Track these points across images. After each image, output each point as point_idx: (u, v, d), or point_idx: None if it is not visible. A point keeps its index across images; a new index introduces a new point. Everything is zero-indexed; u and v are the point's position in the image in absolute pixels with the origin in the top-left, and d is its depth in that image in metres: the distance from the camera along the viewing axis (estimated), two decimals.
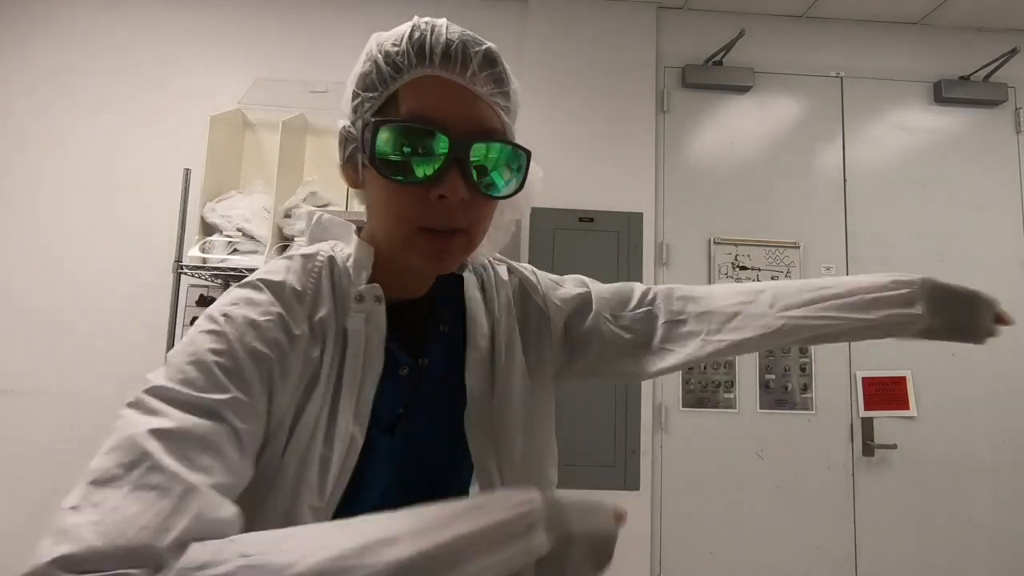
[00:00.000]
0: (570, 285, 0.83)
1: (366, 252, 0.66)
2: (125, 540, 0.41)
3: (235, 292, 0.61)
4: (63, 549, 0.41)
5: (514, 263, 0.82)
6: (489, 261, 0.79)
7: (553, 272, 0.86)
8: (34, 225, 2.35)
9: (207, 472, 0.47)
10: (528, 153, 0.63)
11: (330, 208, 2.18)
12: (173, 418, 0.49)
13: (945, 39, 2.65)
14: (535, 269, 0.83)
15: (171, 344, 1.98)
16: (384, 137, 0.58)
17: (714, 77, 2.56)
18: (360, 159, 0.62)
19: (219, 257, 2.03)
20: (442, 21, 0.62)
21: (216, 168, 2.16)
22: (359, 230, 0.70)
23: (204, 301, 2.19)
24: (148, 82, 2.45)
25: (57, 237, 2.34)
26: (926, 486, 2.38)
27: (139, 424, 0.47)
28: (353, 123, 0.63)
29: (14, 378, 2.26)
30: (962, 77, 2.60)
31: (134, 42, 2.47)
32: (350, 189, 0.71)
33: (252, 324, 0.57)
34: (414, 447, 0.68)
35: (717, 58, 2.54)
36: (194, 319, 2.13)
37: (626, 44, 2.53)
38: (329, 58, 2.51)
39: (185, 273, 2.04)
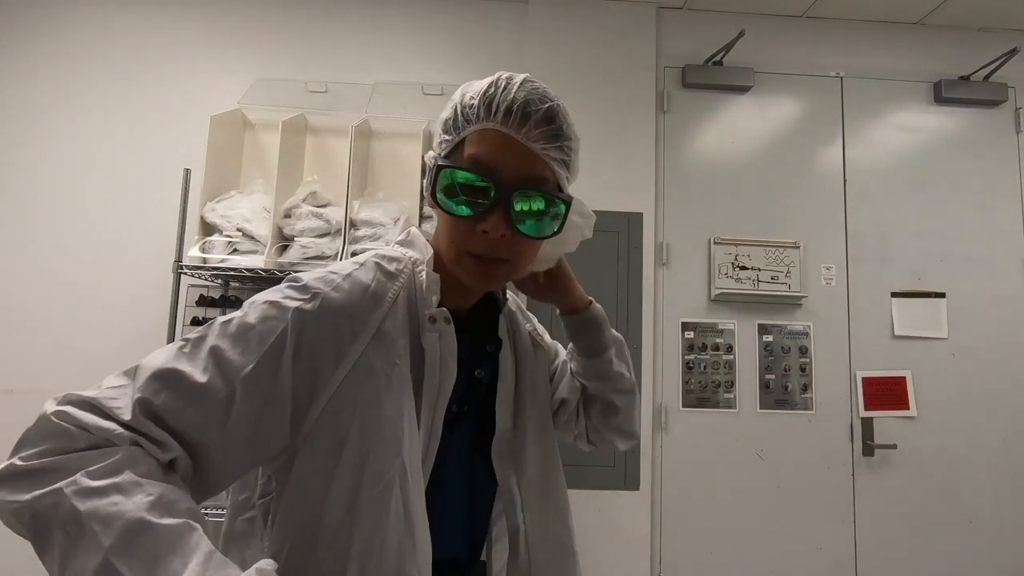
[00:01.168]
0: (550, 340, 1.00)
1: (435, 279, 0.74)
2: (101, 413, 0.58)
3: (318, 273, 0.70)
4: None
5: (522, 306, 0.94)
6: (512, 302, 0.90)
7: None
8: (34, 225, 2.35)
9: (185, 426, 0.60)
10: (568, 202, 0.72)
11: (330, 208, 2.18)
12: (196, 370, 0.61)
13: (945, 39, 2.65)
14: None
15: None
16: (443, 177, 0.69)
17: (714, 77, 2.56)
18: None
19: (219, 257, 2.03)
20: (519, 78, 0.71)
21: (216, 168, 2.16)
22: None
23: (204, 301, 2.19)
24: (148, 82, 2.45)
25: (57, 237, 2.34)
26: (926, 486, 2.38)
27: (163, 360, 0.63)
28: (434, 159, 0.73)
29: (14, 378, 2.26)
30: (962, 77, 2.60)
31: (134, 42, 2.47)
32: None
33: (316, 312, 0.66)
34: (464, 449, 0.79)
35: (717, 58, 2.54)
36: (194, 319, 2.11)
37: (626, 44, 2.53)
38: (329, 58, 2.51)
39: (185, 273, 2.04)
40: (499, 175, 0.67)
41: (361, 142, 2.26)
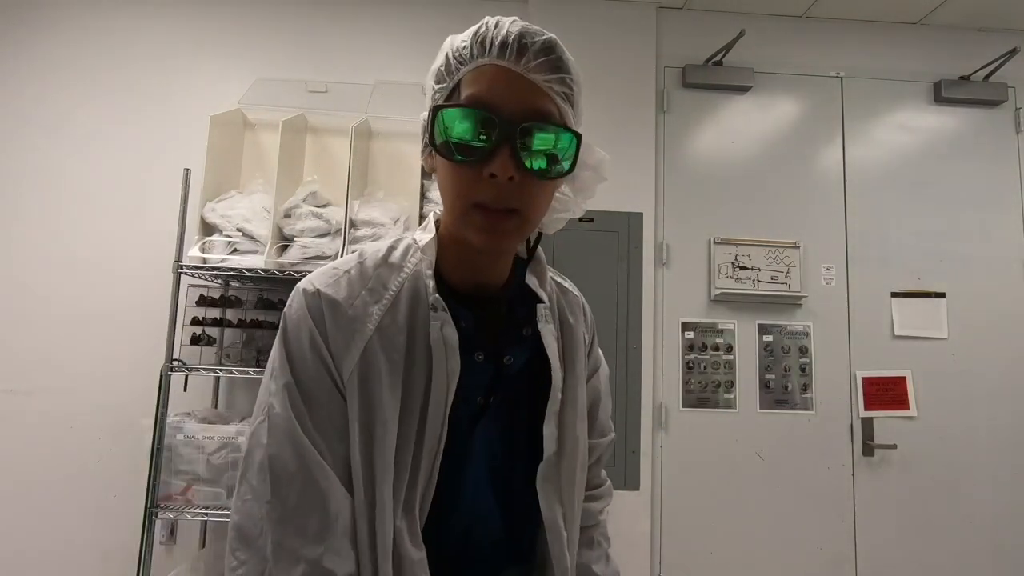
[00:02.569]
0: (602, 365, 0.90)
1: (429, 263, 0.70)
2: None
3: (316, 273, 0.70)
4: None
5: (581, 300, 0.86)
6: (555, 283, 0.82)
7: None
8: (34, 225, 2.35)
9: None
10: (578, 136, 0.66)
11: (330, 208, 2.18)
12: (283, 495, 0.63)
13: (945, 39, 2.65)
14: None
15: (171, 344, 1.97)
16: (442, 119, 0.63)
17: (714, 77, 2.56)
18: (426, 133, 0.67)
19: (219, 257, 2.03)
20: (509, 19, 0.66)
21: (216, 168, 2.16)
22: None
23: (204, 301, 2.18)
24: (148, 82, 2.45)
25: (57, 237, 2.34)
26: (926, 486, 2.38)
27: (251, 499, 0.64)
28: (429, 112, 0.67)
29: (14, 378, 2.26)
30: (962, 77, 2.60)
31: (134, 42, 2.48)
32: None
33: (314, 328, 0.66)
34: (493, 442, 0.73)
35: (717, 58, 2.54)
36: (194, 319, 2.11)
37: (626, 44, 2.53)
38: (329, 58, 2.51)
39: (185, 273, 2.04)
40: (501, 111, 0.61)
41: (361, 142, 2.26)
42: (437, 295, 0.68)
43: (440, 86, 0.67)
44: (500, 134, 0.61)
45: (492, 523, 0.73)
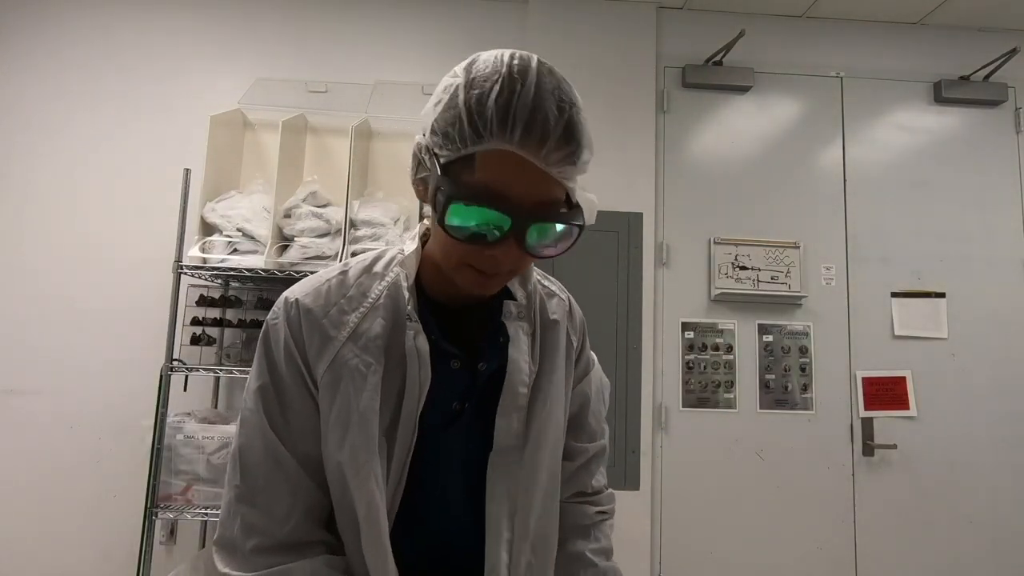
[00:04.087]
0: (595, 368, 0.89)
1: (407, 276, 0.73)
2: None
3: (303, 281, 0.75)
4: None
5: (569, 295, 0.86)
6: (541, 286, 0.82)
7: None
8: (34, 225, 2.35)
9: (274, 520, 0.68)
10: (582, 225, 0.65)
11: (330, 208, 2.18)
12: (250, 474, 0.69)
13: (945, 39, 2.65)
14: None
15: (171, 344, 1.98)
16: (454, 209, 0.61)
17: (714, 77, 2.55)
18: (429, 190, 0.65)
19: (219, 257, 2.03)
20: (533, 76, 0.61)
21: (216, 168, 2.16)
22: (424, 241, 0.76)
23: (204, 301, 2.18)
24: (148, 82, 2.45)
25: (57, 237, 2.34)
26: (926, 486, 2.38)
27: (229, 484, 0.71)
28: (430, 153, 0.64)
29: (14, 378, 2.27)
30: (962, 77, 2.60)
31: (134, 42, 2.47)
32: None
33: (289, 336, 0.71)
34: (468, 446, 0.74)
35: (717, 58, 2.54)
36: (194, 319, 2.11)
37: (626, 44, 2.53)
38: (329, 58, 2.51)
39: (185, 273, 2.04)
40: (515, 206, 0.60)
41: (361, 142, 2.26)
42: (410, 307, 0.70)
43: (449, 144, 0.62)
44: (510, 231, 0.61)
45: (467, 527, 0.73)
